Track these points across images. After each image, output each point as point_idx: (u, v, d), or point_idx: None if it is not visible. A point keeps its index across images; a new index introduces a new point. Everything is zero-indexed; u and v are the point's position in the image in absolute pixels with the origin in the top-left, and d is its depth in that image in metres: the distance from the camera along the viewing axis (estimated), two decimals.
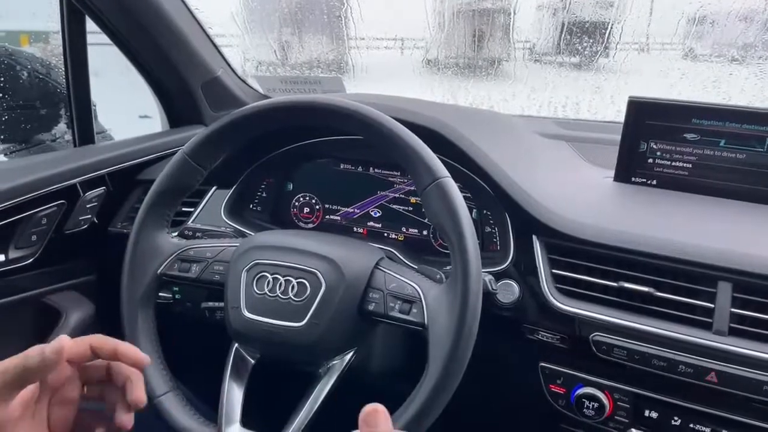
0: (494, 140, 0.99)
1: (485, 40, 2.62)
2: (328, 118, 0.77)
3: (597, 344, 0.79)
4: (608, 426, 0.82)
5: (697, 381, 0.74)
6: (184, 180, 0.83)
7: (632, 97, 0.97)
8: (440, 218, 0.69)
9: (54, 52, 1.32)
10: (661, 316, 0.77)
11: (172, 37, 1.14)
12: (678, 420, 0.78)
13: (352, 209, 1.11)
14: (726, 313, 0.74)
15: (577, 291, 0.82)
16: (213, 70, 1.25)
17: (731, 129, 0.91)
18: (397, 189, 1.07)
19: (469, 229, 0.68)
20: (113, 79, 1.43)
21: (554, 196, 0.89)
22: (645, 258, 0.79)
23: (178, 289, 1.06)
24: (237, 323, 0.77)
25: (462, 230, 0.67)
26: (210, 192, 1.10)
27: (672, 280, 0.78)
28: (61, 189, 0.98)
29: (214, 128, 0.80)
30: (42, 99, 1.31)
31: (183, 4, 1.16)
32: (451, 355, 0.65)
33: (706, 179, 0.94)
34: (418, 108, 0.97)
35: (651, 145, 0.97)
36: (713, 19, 1.58)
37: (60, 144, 1.28)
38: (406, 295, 0.73)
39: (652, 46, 1.84)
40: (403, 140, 0.72)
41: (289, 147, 1.10)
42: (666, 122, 0.95)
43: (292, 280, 0.76)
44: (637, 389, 0.80)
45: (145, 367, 0.75)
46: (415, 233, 1.06)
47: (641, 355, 0.77)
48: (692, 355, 0.74)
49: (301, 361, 0.80)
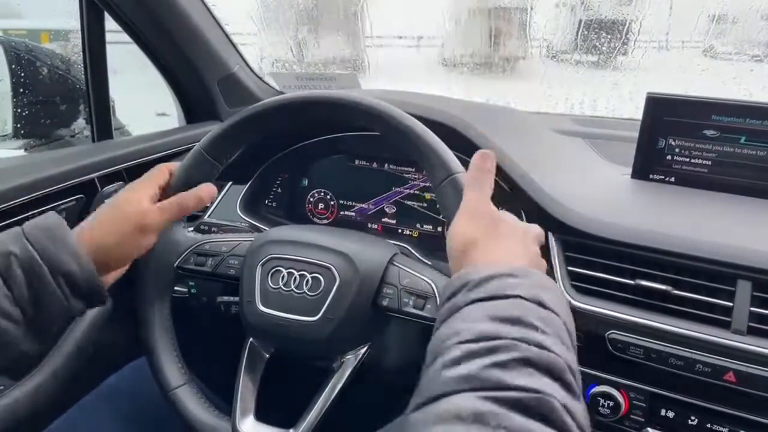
0: (510, 137, 0.99)
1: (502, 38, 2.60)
2: (343, 113, 0.77)
3: (613, 342, 0.78)
4: (624, 425, 0.81)
5: (714, 380, 0.73)
6: (200, 175, 0.83)
7: (651, 93, 0.95)
8: (455, 214, 0.69)
9: (74, 50, 1.33)
10: (678, 314, 0.76)
11: (189, 33, 1.15)
12: (695, 420, 0.77)
13: (367, 205, 1.11)
14: (745, 312, 0.72)
15: (593, 289, 0.81)
16: (229, 66, 1.25)
17: (752, 126, 0.90)
18: (412, 185, 1.06)
19: None
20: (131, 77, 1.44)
21: (570, 194, 0.88)
22: (662, 256, 0.78)
23: (194, 283, 1.06)
24: (251, 317, 0.78)
25: None
26: (226, 187, 1.11)
27: (690, 278, 0.76)
28: (80, 184, 0.99)
29: (229, 123, 0.81)
30: (61, 95, 1.33)
31: (200, 0, 1.16)
32: None
33: (725, 176, 0.93)
34: (433, 104, 0.97)
35: (669, 142, 0.96)
36: (734, 16, 1.56)
37: (79, 139, 1.30)
38: (420, 291, 0.73)
39: (672, 43, 1.82)
40: (417, 135, 0.72)
41: (305, 143, 1.10)
42: (685, 118, 0.94)
43: (307, 275, 0.76)
44: (653, 388, 0.79)
45: (161, 361, 0.77)
46: (429, 229, 1.06)
47: (658, 354, 0.76)
48: (710, 354, 0.73)
49: (315, 356, 0.81)
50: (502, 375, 0.40)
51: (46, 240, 0.64)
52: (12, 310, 0.61)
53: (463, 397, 0.39)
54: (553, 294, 0.50)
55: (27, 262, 0.62)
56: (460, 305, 0.48)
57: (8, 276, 0.61)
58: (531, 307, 0.47)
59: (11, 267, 0.61)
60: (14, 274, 0.61)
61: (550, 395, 0.39)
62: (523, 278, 0.50)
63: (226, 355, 0.86)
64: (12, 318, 0.61)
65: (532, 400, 0.38)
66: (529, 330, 0.44)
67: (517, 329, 0.44)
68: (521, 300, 0.47)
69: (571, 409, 0.40)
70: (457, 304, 0.49)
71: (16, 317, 0.61)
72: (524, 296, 0.47)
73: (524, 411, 0.37)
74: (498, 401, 0.38)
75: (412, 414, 0.41)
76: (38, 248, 0.63)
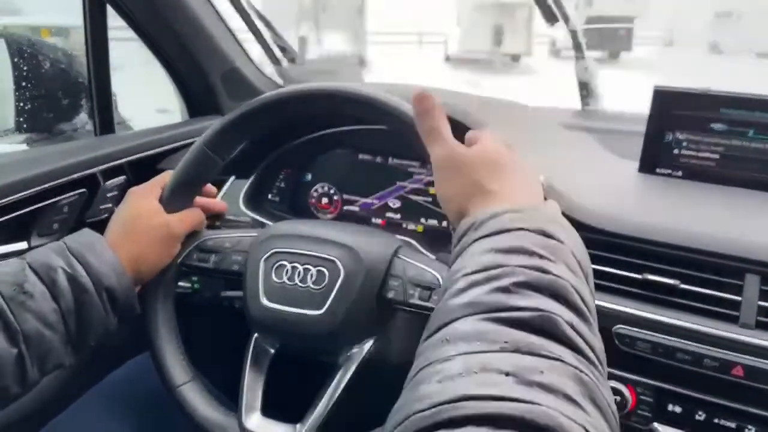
0: (516, 131, 0.98)
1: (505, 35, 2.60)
2: (343, 104, 0.76)
3: (620, 337, 0.78)
4: (630, 420, 0.81)
5: (722, 375, 0.72)
6: (202, 171, 0.82)
7: (658, 87, 0.95)
8: None
9: (74, 47, 1.33)
10: (686, 308, 0.76)
11: (192, 26, 1.14)
12: (702, 415, 0.76)
13: (371, 200, 1.10)
14: (753, 306, 0.72)
15: (600, 283, 0.80)
16: (232, 60, 1.25)
17: (760, 119, 0.89)
18: (417, 180, 1.06)
19: None
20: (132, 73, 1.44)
21: (577, 187, 0.87)
22: (670, 250, 0.77)
23: (197, 279, 1.06)
24: (256, 312, 0.77)
25: None
26: (228, 182, 1.10)
27: (698, 273, 0.76)
28: (82, 178, 0.98)
29: (229, 118, 0.80)
30: (64, 89, 1.32)
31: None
32: None
33: (733, 170, 0.92)
34: (438, 96, 0.96)
35: (677, 136, 0.95)
36: (740, 13, 1.56)
37: (81, 133, 1.29)
38: (426, 282, 0.72)
39: (677, 40, 1.81)
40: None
41: (308, 137, 1.10)
42: (693, 112, 0.93)
43: (311, 268, 0.75)
44: (660, 383, 0.78)
45: (165, 358, 0.77)
46: (434, 224, 1.05)
47: (665, 348, 0.75)
48: (718, 349, 0.72)
49: (321, 350, 0.80)
50: (503, 298, 0.40)
51: (89, 254, 0.66)
52: (57, 324, 0.63)
53: (465, 321, 0.40)
54: (558, 225, 0.50)
55: (73, 276, 0.64)
56: (467, 245, 0.49)
57: (55, 290, 0.63)
58: (534, 237, 0.46)
59: (57, 281, 0.63)
60: (61, 288, 0.63)
61: (552, 312, 0.39)
62: (528, 212, 0.50)
63: (231, 351, 0.86)
64: (57, 331, 0.63)
65: (534, 318, 0.38)
66: (532, 257, 0.44)
67: (519, 257, 0.44)
68: (524, 231, 0.47)
69: (578, 328, 0.39)
70: (464, 244, 0.49)
71: (60, 330, 0.63)
72: (528, 228, 0.47)
73: (526, 327, 0.38)
74: (499, 321, 0.38)
75: (422, 344, 0.43)
76: (83, 262, 0.65)
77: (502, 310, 0.39)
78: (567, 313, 0.40)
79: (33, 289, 0.61)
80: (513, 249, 0.45)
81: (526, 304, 0.39)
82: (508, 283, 0.41)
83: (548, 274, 0.43)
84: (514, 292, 0.41)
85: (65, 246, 0.66)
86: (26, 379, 0.61)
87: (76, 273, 0.64)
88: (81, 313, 0.64)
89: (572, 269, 0.46)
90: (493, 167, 0.57)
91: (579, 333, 0.39)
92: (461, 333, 0.39)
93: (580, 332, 0.39)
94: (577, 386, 0.35)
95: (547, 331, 0.38)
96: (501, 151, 0.59)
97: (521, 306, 0.39)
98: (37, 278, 0.62)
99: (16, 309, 0.60)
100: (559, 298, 0.41)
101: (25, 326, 0.60)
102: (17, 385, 0.61)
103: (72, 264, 0.65)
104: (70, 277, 0.64)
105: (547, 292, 0.41)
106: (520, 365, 0.35)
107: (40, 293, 0.62)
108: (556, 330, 0.38)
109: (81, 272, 0.64)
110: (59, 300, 0.63)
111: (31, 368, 0.61)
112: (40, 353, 0.62)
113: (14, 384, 0.60)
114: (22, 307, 0.60)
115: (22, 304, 0.60)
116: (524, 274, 0.42)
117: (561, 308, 0.40)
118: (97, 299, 0.65)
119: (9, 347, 0.59)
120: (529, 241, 0.46)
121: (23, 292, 0.61)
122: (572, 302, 0.42)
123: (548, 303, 0.40)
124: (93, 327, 0.66)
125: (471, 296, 0.42)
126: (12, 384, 0.60)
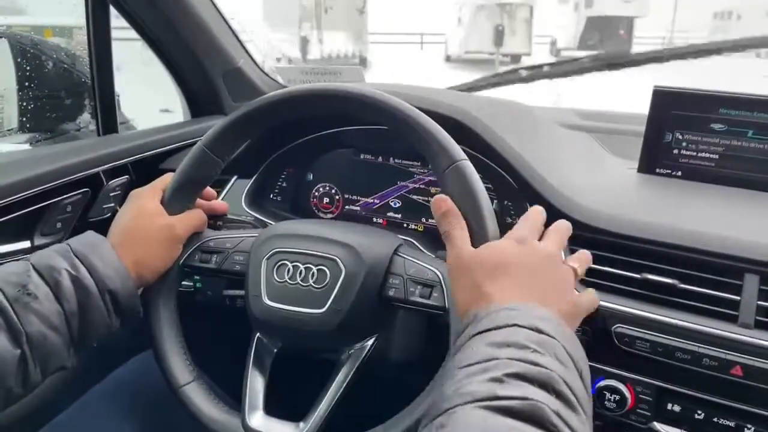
0: (516, 130, 0.98)
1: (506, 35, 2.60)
2: (345, 105, 0.77)
3: (619, 336, 0.78)
4: (630, 419, 0.81)
5: (721, 374, 0.73)
6: (203, 172, 0.83)
7: (658, 87, 0.95)
8: (458, 201, 0.68)
9: (77, 47, 1.34)
10: (685, 308, 0.76)
11: (194, 26, 1.15)
12: (701, 414, 0.77)
13: (372, 199, 1.11)
14: (752, 306, 0.72)
15: (600, 283, 0.81)
16: (234, 60, 1.25)
17: (759, 119, 0.90)
18: (418, 179, 1.06)
19: (488, 211, 0.67)
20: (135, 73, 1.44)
21: (576, 187, 0.88)
22: (669, 249, 0.77)
23: (199, 278, 1.06)
24: (258, 311, 0.78)
25: (481, 212, 0.67)
26: (231, 182, 1.11)
27: (697, 272, 0.76)
28: (85, 177, 0.99)
29: (230, 119, 0.81)
30: (67, 89, 1.33)
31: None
32: None
33: (732, 170, 0.93)
34: (438, 96, 0.96)
35: (676, 136, 0.96)
36: (739, 13, 1.56)
37: (84, 133, 1.30)
38: (426, 280, 0.73)
39: (676, 40, 1.82)
40: (420, 125, 0.71)
41: (310, 137, 1.10)
42: (692, 112, 0.94)
43: (312, 268, 0.76)
44: (659, 382, 0.79)
45: (168, 359, 0.77)
46: (435, 224, 1.05)
47: (664, 348, 0.75)
48: (717, 348, 0.73)
49: (323, 348, 0.81)
50: (495, 388, 0.43)
51: (93, 257, 0.66)
52: (61, 326, 0.63)
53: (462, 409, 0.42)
54: (551, 323, 0.53)
55: (76, 278, 0.64)
56: (465, 340, 0.52)
57: (58, 291, 0.63)
58: (527, 332, 0.50)
59: (61, 283, 0.63)
60: (65, 290, 0.63)
61: (541, 402, 0.42)
62: (523, 310, 0.53)
63: (234, 350, 0.86)
64: (60, 333, 0.63)
65: (523, 406, 0.41)
66: (524, 351, 0.48)
67: (512, 350, 0.48)
68: (518, 327, 0.50)
69: (565, 416, 0.42)
70: (462, 340, 0.53)
71: (63, 332, 0.63)
72: (521, 324, 0.51)
73: (515, 416, 0.40)
74: (491, 409, 0.41)
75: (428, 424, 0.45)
76: (87, 265, 0.65)
77: (494, 399, 0.42)
78: (554, 402, 0.43)
79: (37, 290, 0.62)
80: (506, 343, 0.48)
81: (516, 394, 0.42)
82: (500, 374, 0.44)
83: (538, 367, 0.46)
84: (506, 383, 0.44)
85: (69, 248, 0.67)
86: (28, 381, 0.62)
87: (80, 275, 0.64)
88: (84, 316, 0.65)
89: (562, 361, 0.49)
90: (492, 270, 0.60)
91: (565, 421, 0.42)
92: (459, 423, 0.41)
93: (566, 420, 0.42)
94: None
95: (536, 419, 0.41)
96: (506, 251, 0.62)
97: (512, 395, 0.42)
98: (41, 280, 0.63)
99: (20, 310, 0.60)
100: (547, 388, 0.44)
101: (29, 328, 0.60)
102: (19, 387, 0.61)
103: (76, 266, 0.65)
104: (73, 278, 0.64)
105: (536, 383, 0.44)
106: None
107: (44, 295, 0.62)
108: (543, 417, 0.41)
109: (85, 274, 0.65)
110: (63, 302, 0.63)
111: (33, 370, 0.61)
112: (43, 355, 0.62)
113: (16, 385, 0.60)
114: (26, 309, 0.60)
115: (26, 306, 0.60)
116: (515, 365, 0.45)
117: (548, 397, 0.43)
118: (100, 302, 0.65)
119: (12, 348, 0.59)
120: (522, 336, 0.49)
121: (27, 294, 0.61)
122: (560, 392, 0.44)
123: (536, 392, 0.43)
124: (95, 329, 0.66)
125: (467, 387, 0.44)
126: (14, 385, 0.60)
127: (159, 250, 0.75)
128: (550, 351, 0.49)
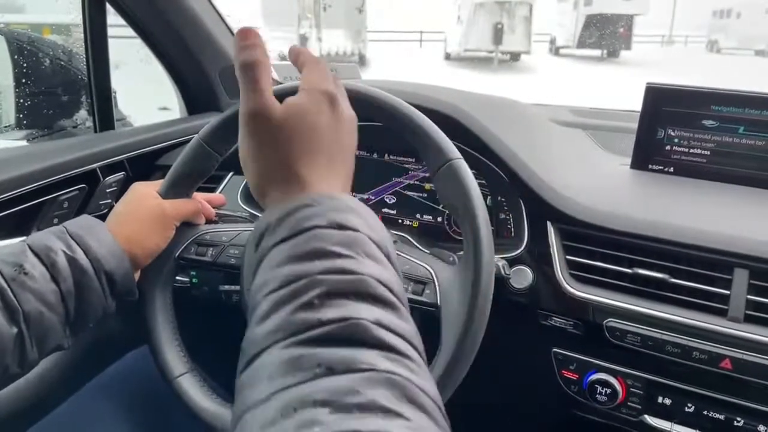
0: (510, 127, 0.99)
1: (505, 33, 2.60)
2: None
3: (610, 330, 0.79)
4: (621, 412, 0.82)
5: (711, 368, 0.73)
6: (200, 165, 0.83)
7: (650, 83, 0.96)
8: (452, 199, 0.69)
9: (75, 44, 1.34)
10: (675, 302, 0.77)
11: (190, 23, 1.15)
12: (691, 407, 0.78)
13: (367, 196, 1.11)
14: (742, 300, 0.73)
15: (591, 277, 0.82)
16: (230, 57, 1.26)
17: (751, 116, 0.90)
18: (412, 175, 1.07)
19: (481, 210, 0.68)
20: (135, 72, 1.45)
21: (570, 183, 0.88)
22: (660, 244, 0.78)
23: (195, 273, 1.07)
24: None
25: (474, 210, 0.67)
26: (227, 178, 1.11)
27: (687, 267, 0.77)
28: (82, 174, 0.99)
29: (228, 113, 0.81)
30: (63, 86, 1.33)
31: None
32: (463, 334, 0.65)
33: (724, 166, 0.94)
34: (433, 93, 0.97)
35: (668, 132, 0.96)
36: (739, 11, 1.56)
37: (81, 130, 1.30)
38: (419, 276, 0.73)
39: (675, 38, 1.82)
40: (414, 122, 0.72)
41: None
42: (684, 109, 0.94)
43: None
44: (650, 375, 0.80)
45: (163, 350, 0.78)
46: (429, 220, 1.06)
47: (655, 342, 0.76)
48: (707, 342, 0.74)
49: None
50: (308, 315, 0.38)
51: (89, 238, 0.67)
52: (57, 305, 0.63)
53: (275, 350, 0.37)
54: (351, 213, 0.46)
55: (72, 258, 0.65)
56: (265, 251, 0.45)
57: (54, 271, 0.63)
58: (329, 233, 0.44)
59: (57, 262, 0.64)
60: (61, 270, 0.64)
61: (357, 318, 0.38)
62: (320, 205, 0.46)
63: (229, 343, 0.87)
64: (57, 312, 0.63)
65: (341, 329, 0.37)
66: (330, 259, 0.42)
67: (318, 263, 0.41)
68: (318, 230, 0.44)
69: (386, 323, 0.38)
70: (263, 250, 0.46)
71: (59, 311, 0.64)
72: (321, 225, 0.44)
73: (336, 342, 0.36)
74: (308, 343, 0.37)
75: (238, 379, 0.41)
76: (82, 245, 0.66)
77: (310, 329, 0.37)
78: (373, 310, 0.39)
79: (33, 269, 0.62)
80: (310, 253, 0.42)
81: (332, 316, 0.38)
82: (310, 297, 0.39)
83: (347, 275, 0.41)
84: (319, 306, 0.39)
85: (65, 230, 0.67)
86: (25, 359, 0.62)
87: (76, 255, 0.65)
88: (80, 295, 0.65)
89: (373, 257, 0.44)
90: (308, 137, 0.51)
91: (387, 328, 0.38)
92: (274, 365, 0.36)
93: (388, 326, 0.38)
94: (392, 392, 0.34)
95: (357, 339, 0.37)
96: (321, 117, 0.52)
97: (328, 319, 0.38)
98: (38, 259, 0.63)
99: (16, 289, 0.61)
100: (364, 297, 0.40)
101: (26, 306, 0.61)
102: (16, 365, 0.61)
103: (71, 246, 0.65)
104: (69, 259, 0.65)
105: (351, 296, 0.40)
106: (336, 390, 0.33)
107: (40, 274, 0.62)
108: (365, 335, 0.37)
109: (80, 254, 0.65)
110: (59, 281, 0.63)
111: (30, 348, 0.62)
112: (40, 333, 0.62)
113: (13, 363, 0.61)
114: (22, 287, 0.61)
115: (23, 284, 0.61)
116: (326, 282, 0.40)
117: (367, 308, 0.39)
118: (96, 282, 0.66)
119: (9, 326, 0.60)
120: (325, 240, 0.43)
121: (24, 273, 0.61)
122: (377, 296, 0.41)
123: (354, 307, 0.39)
124: (92, 309, 0.67)
125: (277, 320, 0.39)
126: (11, 363, 0.61)
127: (150, 231, 0.75)
128: (358, 249, 0.43)
